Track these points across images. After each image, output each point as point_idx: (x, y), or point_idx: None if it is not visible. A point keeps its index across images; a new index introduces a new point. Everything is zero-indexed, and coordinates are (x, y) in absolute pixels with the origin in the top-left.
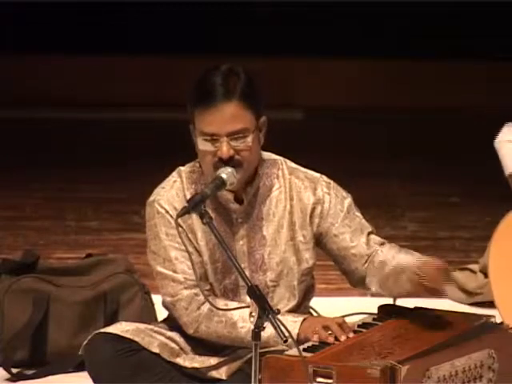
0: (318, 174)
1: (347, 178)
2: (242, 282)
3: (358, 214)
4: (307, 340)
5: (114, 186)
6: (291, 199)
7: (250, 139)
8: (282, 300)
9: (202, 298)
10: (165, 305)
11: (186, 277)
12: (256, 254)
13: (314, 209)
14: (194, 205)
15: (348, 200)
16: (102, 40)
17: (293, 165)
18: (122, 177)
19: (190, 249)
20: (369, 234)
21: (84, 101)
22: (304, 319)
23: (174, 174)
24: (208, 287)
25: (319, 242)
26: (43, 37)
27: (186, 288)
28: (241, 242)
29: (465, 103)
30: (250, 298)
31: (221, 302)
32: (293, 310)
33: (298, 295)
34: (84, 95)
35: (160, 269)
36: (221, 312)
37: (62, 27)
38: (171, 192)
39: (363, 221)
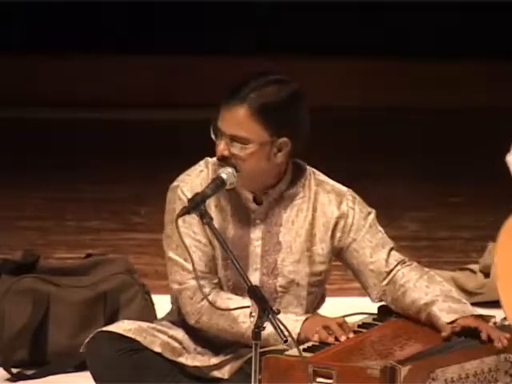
0: (345, 188)
1: (347, 178)
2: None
3: (381, 229)
4: (307, 340)
5: (114, 186)
6: (314, 211)
7: (248, 151)
8: (289, 307)
9: (207, 289)
10: (171, 292)
11: (195, 267)
12: (269, 258)
13: (336, 223)
14: (194, 205)
15: (372, 215)
16: (102, 40)
17: (321, 177)
18: (122, 177)
19: (205, 240)
20: (390, 250)
21: (84, 101)
22: (306, 318)
23: (202, 163)
24: (216, 280)
25: (339, 255)
26: (43, 37)
27: (193, 278)
28: (255, 244)
29: (465, 103)
30: (250, 298)
31: (224, 296)
32: None
33: (305, 305)
34: (84, 95)
35: (172, 254)
36: (224, 305)
37: (62, 27)
38: (196, 181)
39: (385, 236)
